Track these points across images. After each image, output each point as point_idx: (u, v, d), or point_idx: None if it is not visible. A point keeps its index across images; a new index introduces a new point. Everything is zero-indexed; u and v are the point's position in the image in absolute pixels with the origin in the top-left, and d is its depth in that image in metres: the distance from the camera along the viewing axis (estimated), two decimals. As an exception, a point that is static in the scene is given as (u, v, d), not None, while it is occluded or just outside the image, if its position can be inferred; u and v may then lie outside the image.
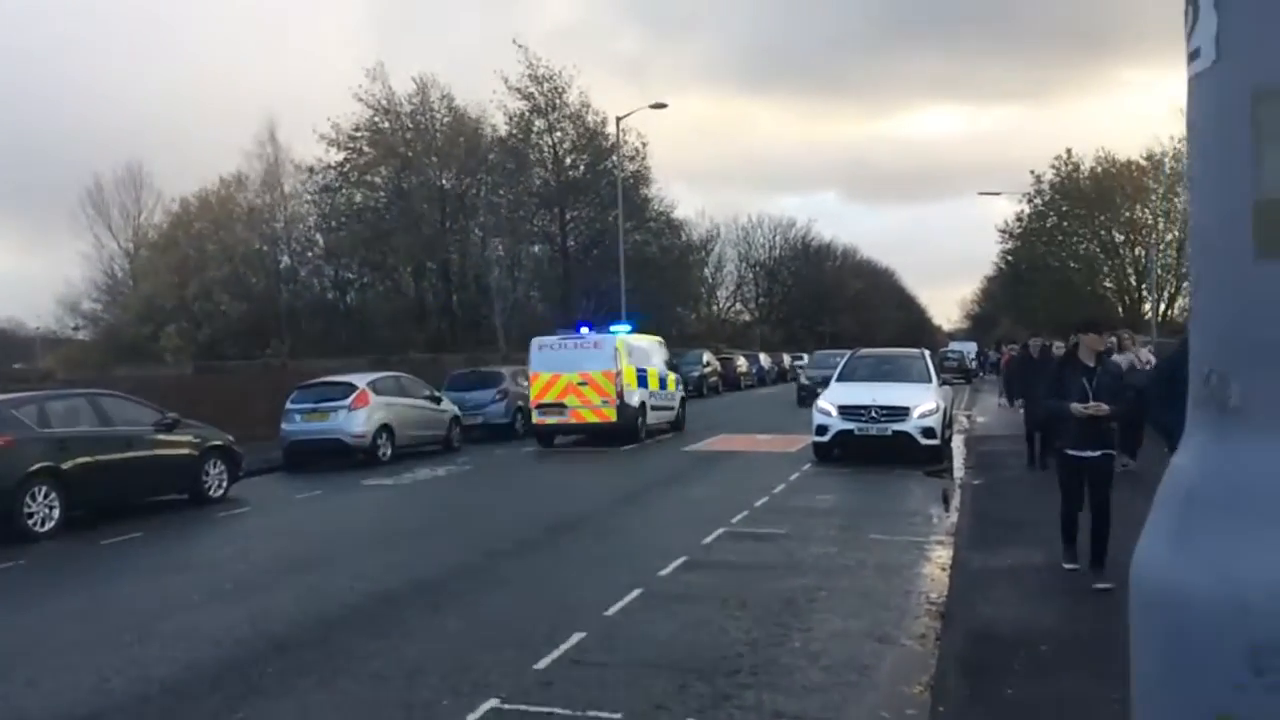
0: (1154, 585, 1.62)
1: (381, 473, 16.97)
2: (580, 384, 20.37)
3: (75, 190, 56.89)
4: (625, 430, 20.29)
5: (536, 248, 47.73)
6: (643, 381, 21.18)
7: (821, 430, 16.38)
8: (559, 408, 20.51)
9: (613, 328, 22.45)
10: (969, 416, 25.55)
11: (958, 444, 18.89)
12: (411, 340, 39.68)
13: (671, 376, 23.31)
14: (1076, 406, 7.39)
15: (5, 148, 62.71)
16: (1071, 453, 7.56)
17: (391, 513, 13.30)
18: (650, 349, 22.62)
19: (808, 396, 26.09)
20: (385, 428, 18.57)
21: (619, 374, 20.29)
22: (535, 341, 21.36)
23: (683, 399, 23.98)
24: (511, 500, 13.73)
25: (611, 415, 20.15)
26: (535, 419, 20.78)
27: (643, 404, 20.96)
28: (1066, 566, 7.79)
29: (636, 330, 23.46)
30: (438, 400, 20.62)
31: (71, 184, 63.88)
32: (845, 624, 6.94)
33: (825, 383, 21.63)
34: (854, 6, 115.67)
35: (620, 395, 20.17)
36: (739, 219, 78.76)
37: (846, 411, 16.15)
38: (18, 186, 62.21)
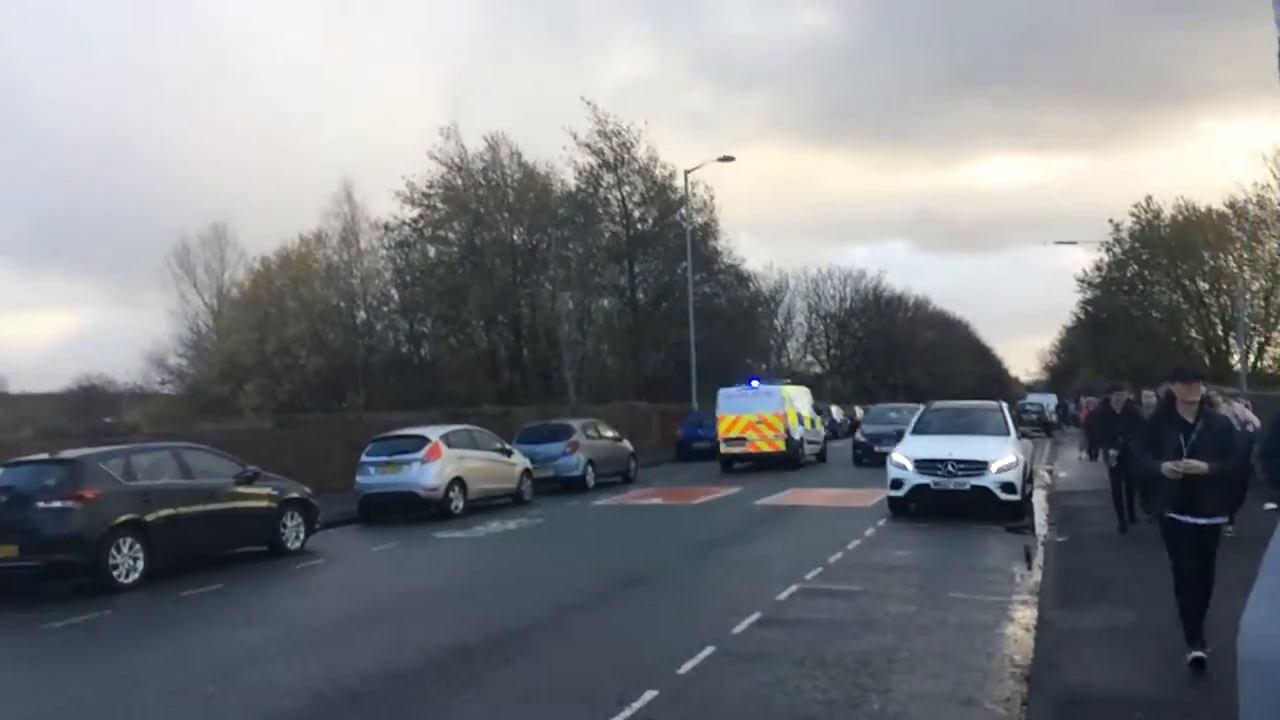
0: (1264, 651, 1.55)
1: (454, 525, 17.09)
2: (757, 422, 27.74)
3: (163, 249, 59.08)
4: (790, 458, 26.97)
5: (606, 301, 48.11)
6: (800, 421, 28.37)
7: (897, 484, 16.15)
8: (741, 440, 27.76)
9: (776, 383, 30.61)
10: (1050, 471, 24.93)
11: (1039, 499, 18.42)
12: (483, 393, 40.12)
13: (818, 419, 30.73)
14: (1168, 466, 6.59)
15: (100, 208, 65.66)
16: (1173, 516, 6.74)
17: (464, 565, 13.36)
18: (803, 397, 30.19)
19: (864, 455, 26.18)
20: (458, 480, 18.74)
21: (785, 415, 27.55)
22: (722, 392, 29.19)
23: (826, 436, 31.21)
24: (583, 553, 13.71)
25: (781, 446, 26.94)
26: (722, 449, 27.92)
27: (801, 438, 28.03)
28: (1193, 656, 6.54)
29: (792, 384, 32.29)
30: (509, 453, 20.79)
31: (160, 244, 66.42)
32: (925, 686, 6.76)
33: (882, 439, 24.03)
34: (920, 57, 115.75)
35: (787, 431, 27.25)
36: (808, 270, 79.00)
37: (922, 465, 15.90)
38: (112, 245, 64.91)
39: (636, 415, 39.97)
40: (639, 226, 49.27)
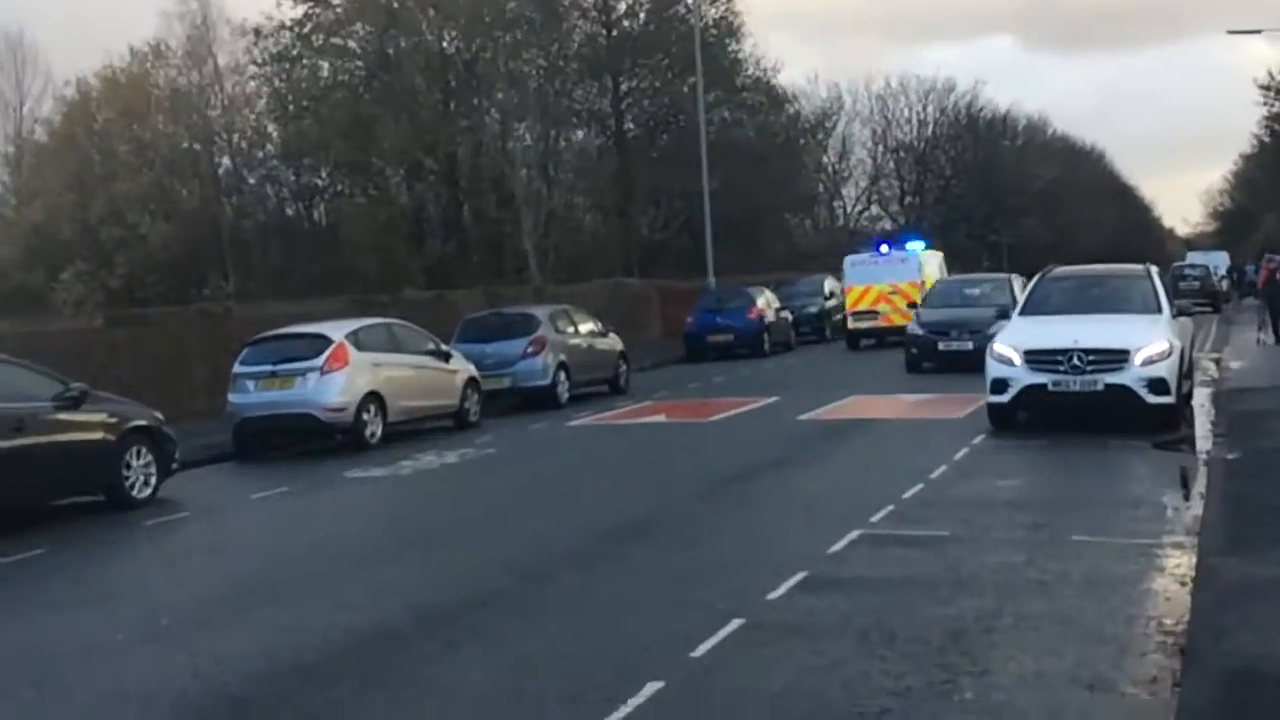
0: None
1: (369, 460, 17.22)
2: (890, 293, 33.24)
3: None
4: None
5: (580, 134, 47.85)
6: None
7: (999, 386, 16.28)
8: (872, 314, 33.35)
9: (908, 245, 36.16)
10: (1218, 361, 25.08)
11: (1202, 401, 18.56)
12: (406, 272, 40.09)
13: None
14: None
15: None
16: None
17: (385, 516, 13.47)
18: (936, 261, 36.45)
19: (923, 357, 25.44)
20: (373, 397, 18.83)
21: (922, 284, 32.31)
22: (848, 260, 35.99)
23: None
24: (554, 495, 13.84)
25: None
26: (850, 324, 34.19)
27: None
28: None
29: (929, 247, 38.19)
30: (446, 356, 20.86)
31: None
32: (1040, 664, 6.88)
33: (950, 331, 25.25)
34: None
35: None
36: (872, 84, 78.09)
37: (1036, 358, 16.03)
38: None
39: (628, 298, 40.08)
40: (626, 25, 48.71)
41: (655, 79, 49.35)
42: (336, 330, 19.34)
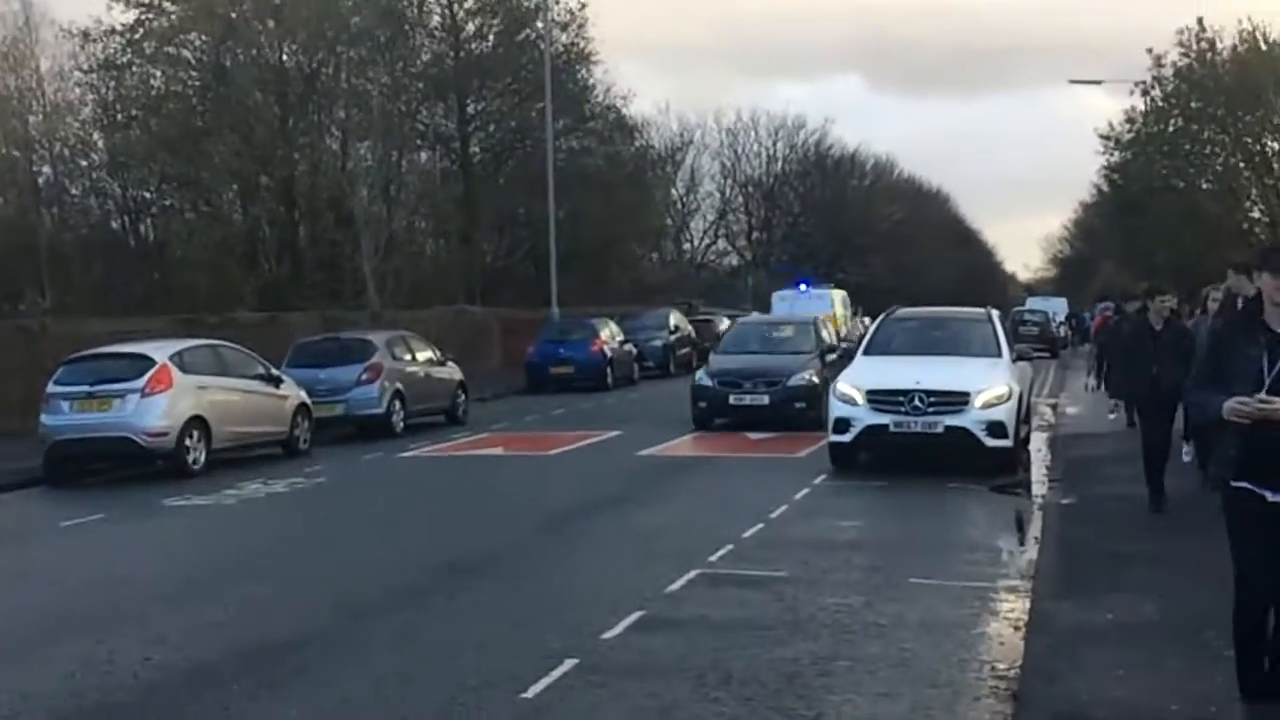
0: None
1: (192, 488, 16.86)
2: None
3: None
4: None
5: (425, 156, 47.50)
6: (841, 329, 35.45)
7: (842, 425, 16.54)
8: None
9: (814, 289, 43.44)
10: (1054, 406, 25.85)
11: (1039, 446, 19.09)
12: (238, 293, 39.29)
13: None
14: (1239, 403, 5.97)
15: None
16: (1243, 486, 6.15)
17: (205, 548, 13.18)
18: (844, 298, 43.82)
19: (709, 411, 22.24)
20: (197, 421, 18.44)
21: (834, 317, 36.53)
22: (776, 295, 43.13)
23: None
24: (386, 528, 13.68)
25: None
26: None
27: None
28: (1245, 699, 6.45)
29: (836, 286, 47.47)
30: (276, 381, 20.55)
31: None
32: (875, 708, 6.99)
33: (743, 382, 21.91)
34: None
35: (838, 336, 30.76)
36: (722, 118, 78.27)
37: (878, 399, 16.34)
38: None
39: (469, 326, 39.88)
40: (474, 47, 48.53)
41: (503, 103, 49.31)
42: (159, 351, 18.90)
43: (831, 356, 22.74)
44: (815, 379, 21.77)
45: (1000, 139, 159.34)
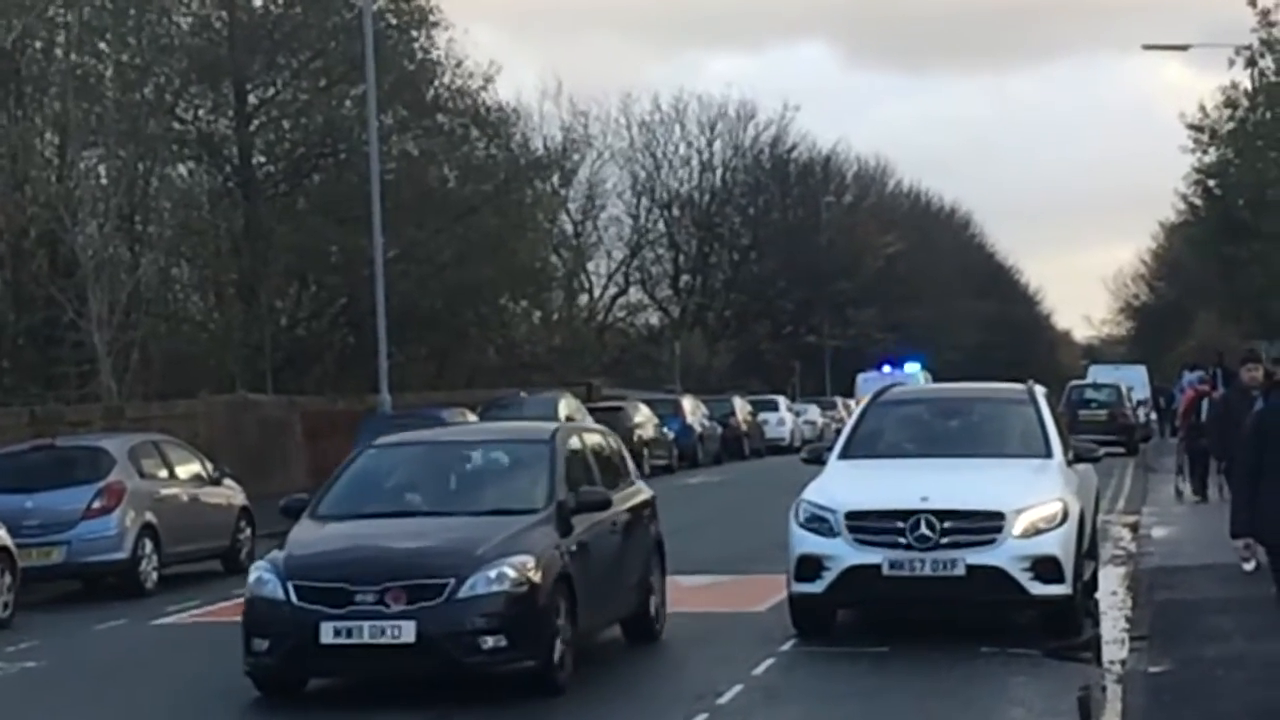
0: None
1: None
2: None
3: None
4: None
5: (186, 169, 47.25)
6: None
7: (809, 567, 16.10)
8: None
9: (907, 366, 50.23)
10: (1134, 525, 25.92)
11: (1113, 587, 19.08)
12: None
13: None
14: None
15: None
16: None
17: None
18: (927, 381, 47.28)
19: (285, 667, 14.22)
20: None
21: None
22: (861, 377, 52.09)
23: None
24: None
25: None
26: None
27: None
28: None
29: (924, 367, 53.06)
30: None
31: None
32: None
33: (339, 601, 13.85)
34: None
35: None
36: (632, 106, 78.56)
37: (865, 525, 16.02)
38: None
39: (256, 425, 39.58)
40: (257, 5, 48.42)
41: (301, 88, 49.13)
42: None
43: (599, 515, 15.76)
44: (531, 571, 14.09)
45: (1039, 134, 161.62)
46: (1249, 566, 14.58)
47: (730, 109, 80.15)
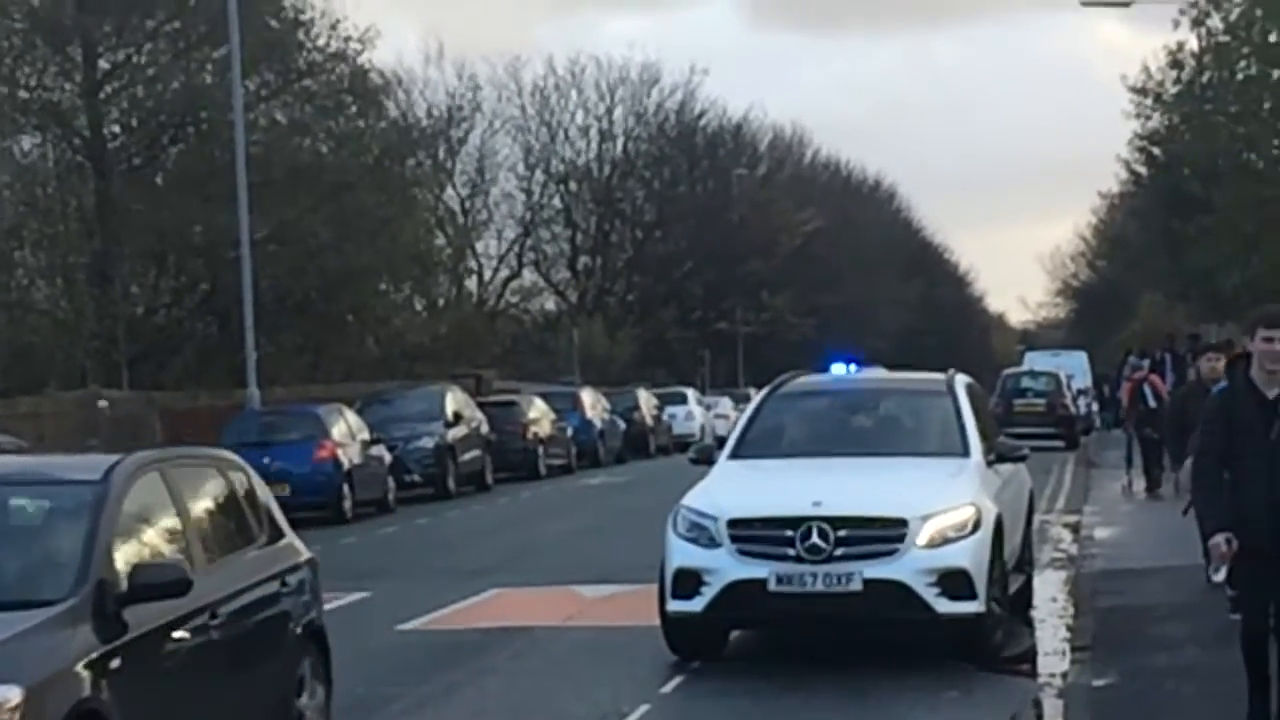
0: None
1: None
2: None
3: None
4: None
5: (29, 142, 46.92)
6: None
7: (686, 582, 15.79)
8: None
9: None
10: (1076, 526, 25.99)
11: (1051, 593, 19.09)
12: None
13: None
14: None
15: None
16: None
17: None
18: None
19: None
20: None
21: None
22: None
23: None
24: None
25: None
26: None
27: None
28: None
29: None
30: None
31: None
32: None
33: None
34: None
35: None
36: (523, 69, 78.66)
37: (750, 534, 15.73)
38: None
39: (110, 423, 39.16)
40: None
41: (158, 51, 48.80)
42: None
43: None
44: None
45: (968, 99, 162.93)
46: (1219, 576, 14.13)
47: (631, 73, 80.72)
